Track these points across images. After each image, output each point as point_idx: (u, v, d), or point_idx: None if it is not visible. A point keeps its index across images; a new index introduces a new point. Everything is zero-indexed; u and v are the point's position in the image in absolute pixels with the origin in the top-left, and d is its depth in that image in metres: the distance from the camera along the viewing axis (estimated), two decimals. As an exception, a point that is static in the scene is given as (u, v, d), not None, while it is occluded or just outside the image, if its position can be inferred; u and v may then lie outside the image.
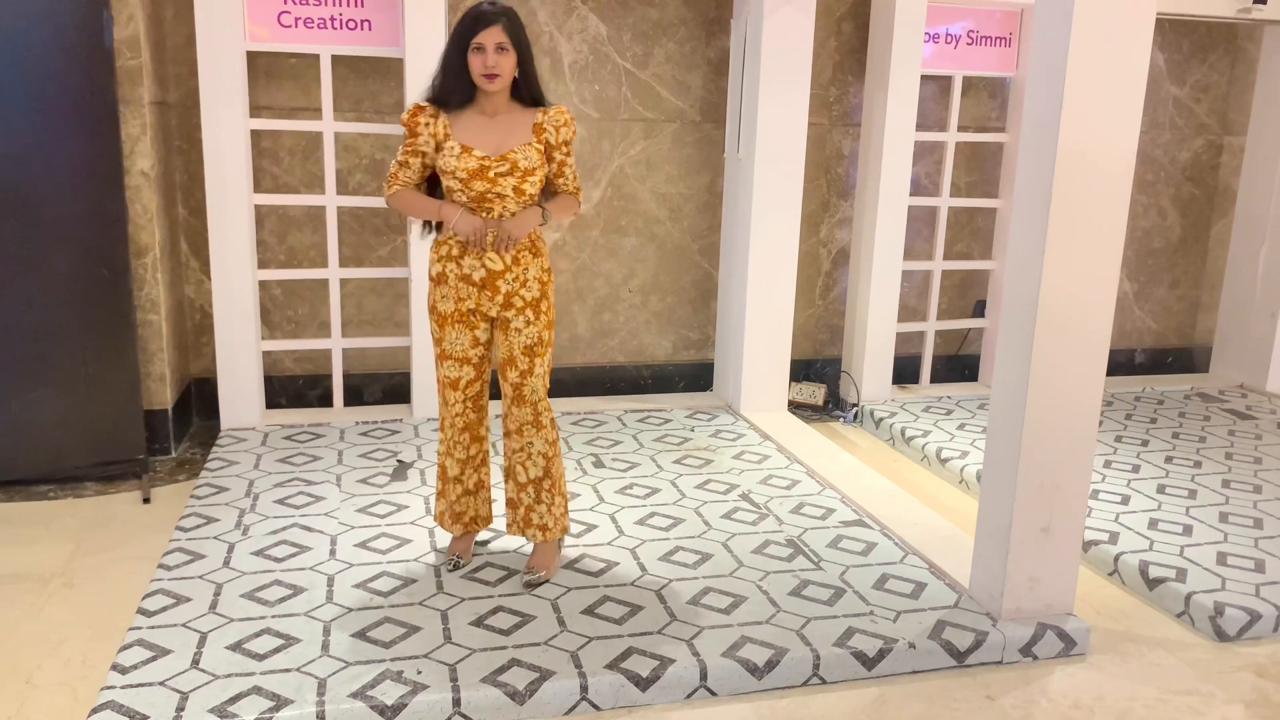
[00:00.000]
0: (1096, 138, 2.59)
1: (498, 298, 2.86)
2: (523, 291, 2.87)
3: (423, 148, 2.82)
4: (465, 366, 2.94)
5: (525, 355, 2.91)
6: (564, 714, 2.48)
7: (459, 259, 2.85)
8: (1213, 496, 3.83)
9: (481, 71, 2.72)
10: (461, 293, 2.87)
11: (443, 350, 2.93)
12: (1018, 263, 2.73)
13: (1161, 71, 5.48)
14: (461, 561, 3.08)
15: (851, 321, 5.09)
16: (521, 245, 2.85)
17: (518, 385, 2.93)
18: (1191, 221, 5.76)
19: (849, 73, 5.03)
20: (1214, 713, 2.60)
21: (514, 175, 2.78)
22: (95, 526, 3.50)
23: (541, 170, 2.84)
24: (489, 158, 2.76)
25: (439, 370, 2.97)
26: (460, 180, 2.77)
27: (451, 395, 2.97)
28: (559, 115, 2.86)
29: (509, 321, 2.89)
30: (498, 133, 2.81)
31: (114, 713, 2.30)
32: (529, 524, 3.02)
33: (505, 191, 2.79)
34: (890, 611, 2.87)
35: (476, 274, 2.84)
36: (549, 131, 2.84)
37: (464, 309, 2.88)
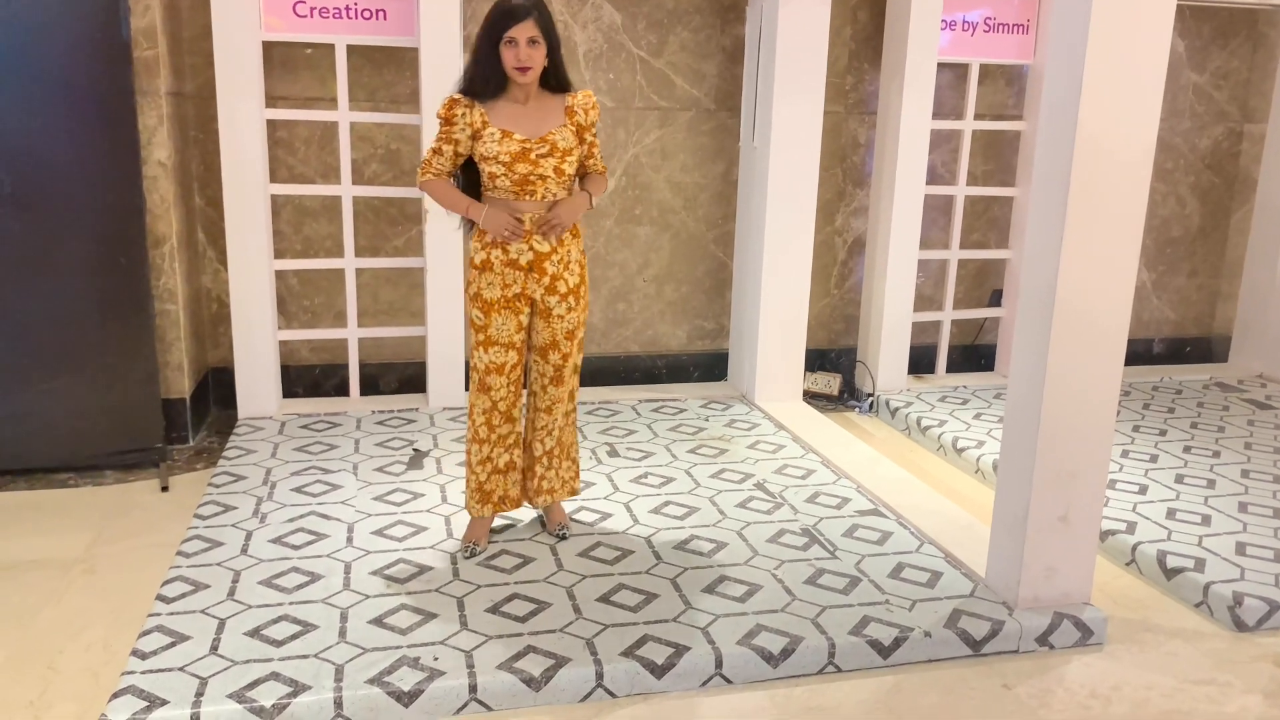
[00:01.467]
0: (1116, 124, 2.57)
1: (544, 280, 2.94)
2: (566, 275, 2.97)
3: (457, 135, 2.88)
4: (510, 351, 2.99)
5: (567, 340, 3.04)
6: (579, 701, 2.49)
7: (505, 244, 2.91)
8: (1232, 486, 3.81)
9: (514, 65, 2.80)
10: (507, 278, 2.93)
11: (488, 337, 2.97)
12: (1035, 251, 2.71)
13: (1181, 58, 5.43)
14: (478, 548, 3.10)
15: (867, 311, 5.08)
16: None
17: (559, 367, 3.06)
18: (1211, 210, 5.71)
19: (865, 60, 5.00)
20: (1232, 703, 2.58)
21: (554, 156, 2.87)
22: (115, 514, 3.53)
23: (578, 150, 2.93)
24: (529, 140, 2.84)
25: (480, 357, 3.00)
26: (504, 164, 2.84)
27: (496, 381, 3.00)
28: (586, 99, 2.96)
29: (551, 308, 2.99)
30: (533, 117, 2.89)
31: (134, 697, 2.32)
32: (540, 490, 3.20)
33: (547, 172, 2.87)
34: (906, 600, 2.86)
35: (524, 258, 2.92)
36: (579, 114, 2.93)
37: (510, 295, 2.94)
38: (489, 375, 3.00)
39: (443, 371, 4.53)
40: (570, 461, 3.24)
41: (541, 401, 3.12)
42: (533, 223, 2.90)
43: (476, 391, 3.04)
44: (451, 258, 4.40)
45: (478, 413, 3.05)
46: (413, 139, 4.56)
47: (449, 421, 4.36)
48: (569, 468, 3.24)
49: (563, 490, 3.24)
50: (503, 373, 3.00)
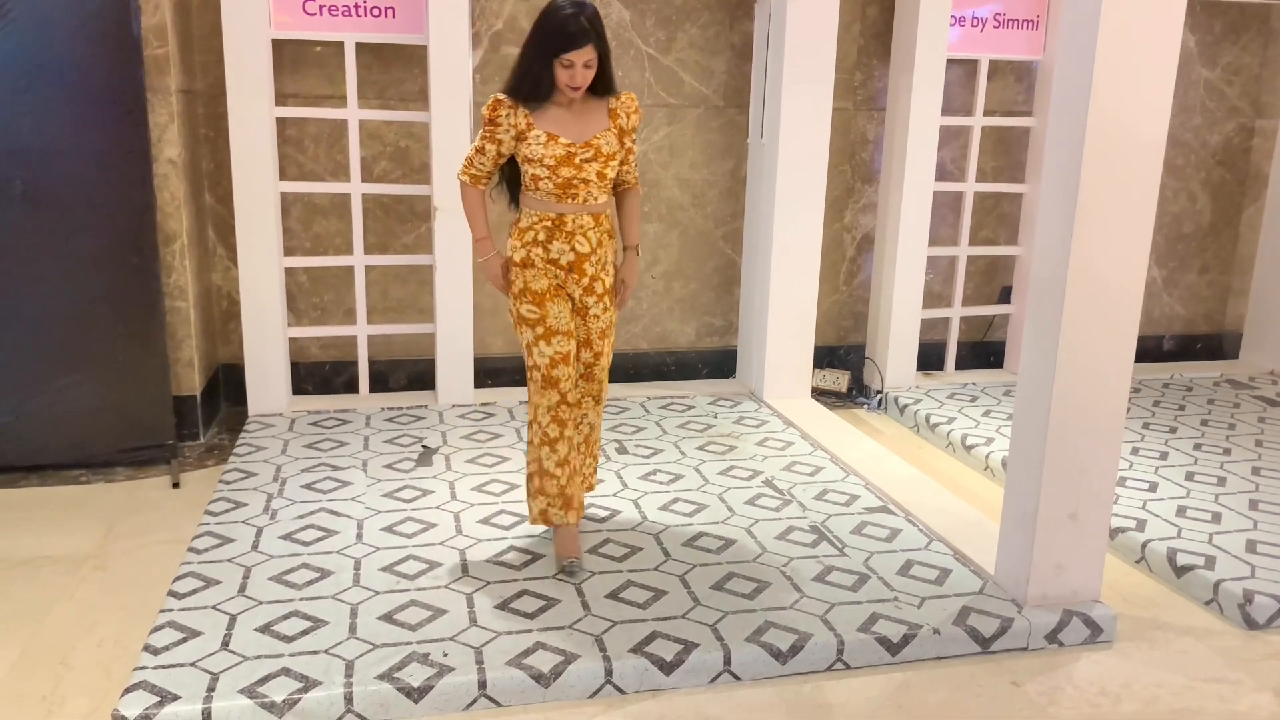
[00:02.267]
0: (1126, 120, 2.56)
1: (583, 280, 2.95)
2: (603, 276, 2.99)
3: (500, 136, 2.86)
4: (569, 339, 2.97)
5: (600, 339, 3.05)
6: (588, 697, 2.50)
7: (546, 244, 2.90)
8: (1242, 484, 3.79)
9: (569, 84, 2.79)
10: (549, 273, 2.93)
11: (548, 328, 2.93)
12: (1045, 246, 2.70)
13: (1192, 54, 5.40)
14: (579, 563, 2.99)
15: (876, 308, 5.07)
16: (604, 229, 2.95)
17: (590, 365, 3.07)
18: (1222, 206, 5.68)
19: (874, 57, 4.99)
20: (1243, 700, 2.58)
21: (598, 160, 2.86)
22: (126, 510, 3.55)
23: (620, 155, 2.92)
24: (574, 144, 2.84)
25: (542, 352, 2.94)
26: (548, 167, 2.83)
27: (564, 371, 2.96)
28: (630, 101, 2.94)
29: (588, 308, 2.99)
30: (578, 121, 2.87)
31: (146, 692, 2.34)
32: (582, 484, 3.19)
33: (590, 177, 2.86)
34: (915, 598, 2.86)
35: (565, 258, 2.92)
36: (622, 117, 2.92)
37: (555, 284, 2.95)
38: (555, 368, 2.94)
39: (452, 368, 4.54)
40: (592, 457, 3.23)
41: (572, 397, 3.08)
42: (575, 225, 2.90)
43: (541, 390, 2.95)
44: (460, 254, 4.41)
45: (543, 411, 2.97)
46: (422, 136, 4.57)
47: (458, 419, 4.37)
48: (589, 463, 3.24)
49: (582, 485, 3.21)
50: (568, 362, 2.97)
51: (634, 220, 3.10)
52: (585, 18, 2.74)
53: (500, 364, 4.88)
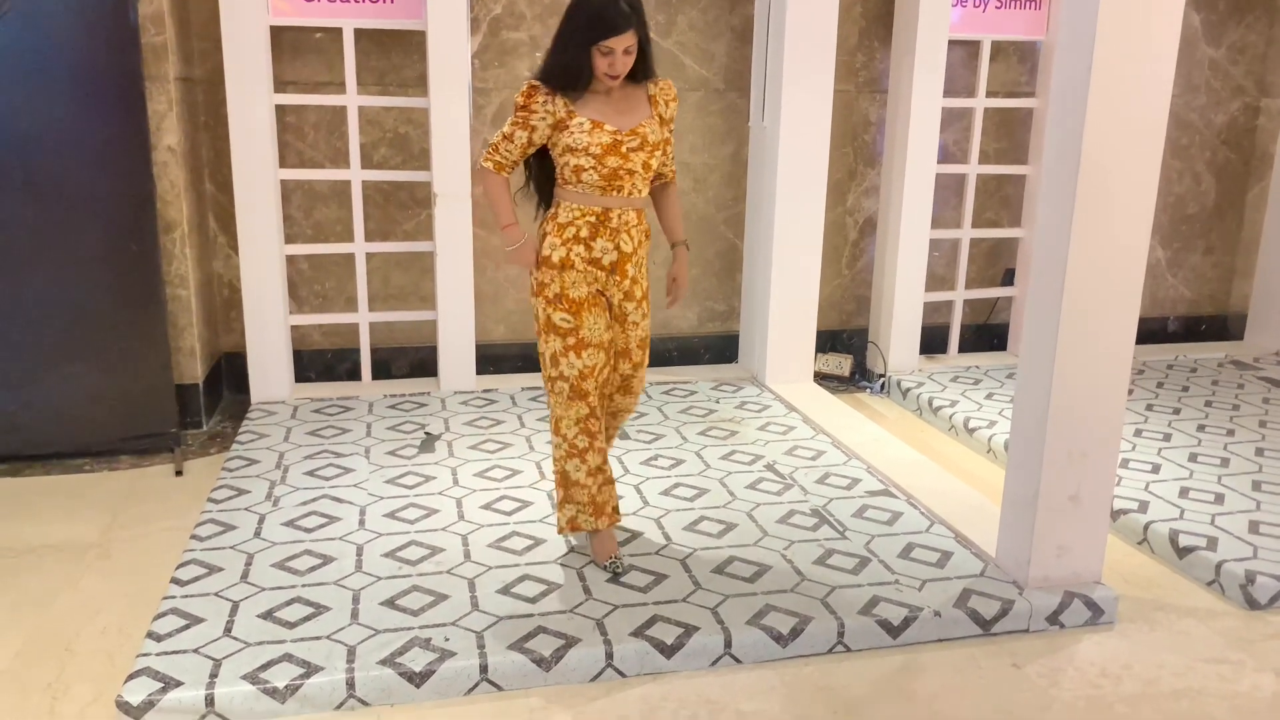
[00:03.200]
0: (1127, 100, 2.55)
1: (624, 282, 2.80)
2: (641, 280, 2.86)
3: (535, 124, 2.69)
4: (602, 352, 2.80)
5: (640, 349, 2.92)
6: (589, 680, 2.51)
7: (589, 241, 2.73)
8: (1246, 465, 3.78)
9: (608, 72, 2.62)
10: (588, 277, 2.76)
11: (581, 339, 2.75)
12: (1046, 228, 2.69)
13: (1197, 32, 5.36)
14: (619, 564, 2.87)
15: (878, 291, 5.06)
16: (644, 227, 2.83)
17: (629, 377, 2.94)
18: (1227, 187, 5.65)
19: (875, 38, 4.96)
20: (1244, 681, 2.58)
21: (644, 150, 2.71)
22: (130, 499, 3.57)
23: (663, 144, 2.77)
24: (619, 132, 2.68)
25: (572, 364, 2.76)
26: (594, 156, 2.66)
27: (590, 386, 2.78)
28: (668, 88, 2.79)
29: (627, 314, 2.85)
30: (620, 108, 2.71)
31: (149, 678, 2.35)
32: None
33: (635, 167, 2.71)
34: (915, 580, 2.86)
35: (607, 257, 2.76)
36: (661, 105, 2.77)
37: (594, 291, 2.78)
38: (585, 381, 2.77)
39: (454, 355, 4.54)
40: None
41: (608, 407, 2.96)
42: (620, 221, 2.75)
43: (569, 402, 2.78)
44: (461, 241, 4.41)
45: (569, 424, 2.81)
46: (421, 122, 4.56)
47: (460, 405, 4.38)
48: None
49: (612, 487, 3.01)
50: (597, 375, 2.80)
51: (677, 215, 2.97)
52: (626, 3, 2.57)
53: (502, 351, 4.88)
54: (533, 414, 4.27)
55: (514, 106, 2.71)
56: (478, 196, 4.63)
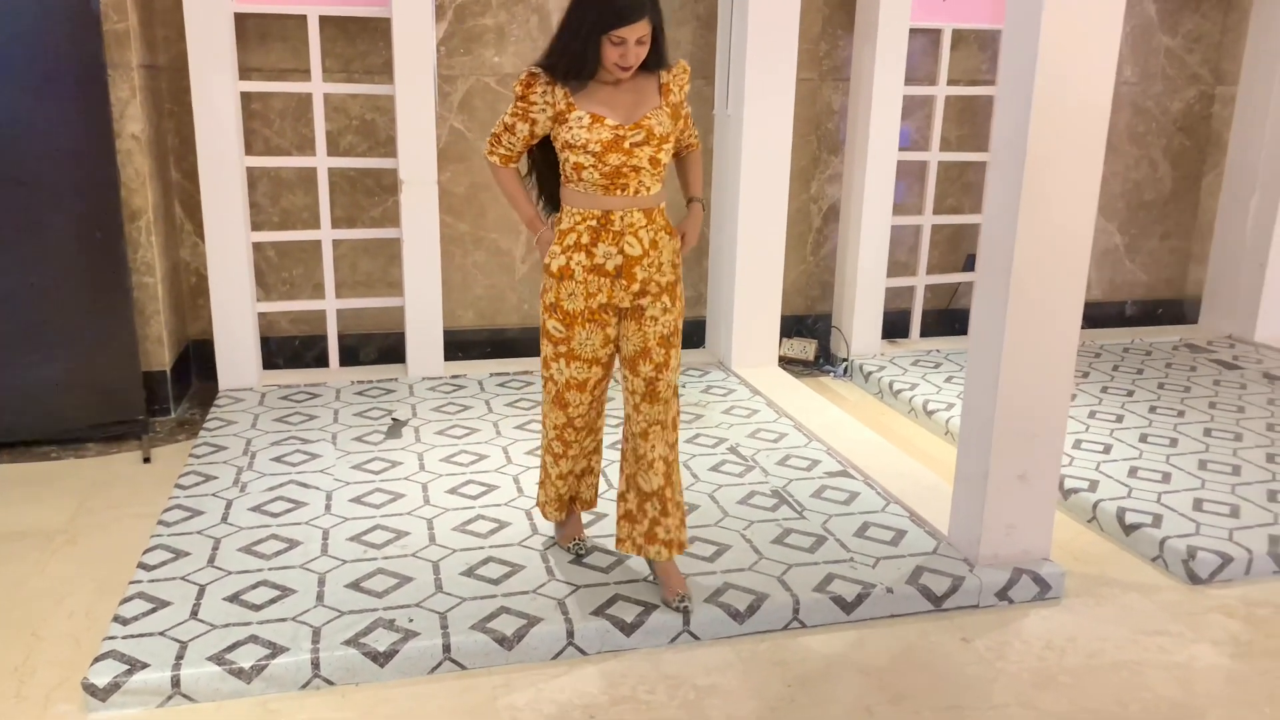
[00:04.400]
0: (1072, 89, 2.62)
1: (633, 286, 2.55)
2: (658, 277, 2.58)
3: (535, 115, 2.50)
4: (595, 367, 2.64)
5: (661, 346, 2.61)
6: (551, 659, 2.57)
7: (589, 247, 2.53)
8: (1194, 445, 3.89)
9: (618, 64, 2.41)
10: (591, 286, 2.54)
11: (569, 351, 2.61)
12: (994, 213, 2.76)
13: (1153, 21, 5.46)
14: (582, 545, 2.93)
15: (841, 277, 5.13)
16: (658, 225, 2.58)
17: (652, 380, 2.62)
18: (1183, 173, 5.77)
19: (839, 27, 5.02)
20: (1182, 652, 2.68)
21: (650, 144, 2.49)
22: (97, 485, 3.58)
23: (674, 135, 2.57)
24: (622, 126, 2.46)
25: (557, 372, 2.65)
26: (593, 154, 2.45)
27: (577, 398, 2.67)
28: (682, 71, 2.60)
29: (644, 310, 2.59)
30: (626, 100, 2.50)
31: (116, 661, 2.39)
32: (654, 539, 2.68)
33: (641, 163, 2.50)
34: (870, 558, 2.94)
35: (611, 262, 2.53)
36: (674, 91, 2.56)
37: (594, 305, 2.56)
38: (568, 391, 2.67)
39: (421, 342, 4.57)
40: (675, 505, 2.70)
41: (636, 425, 2.66)
42: (624, 223, 2.53)
43: (552, 405, 2.72)
44: (428, 228, 4.43)
45: (549, 426, 2.76)
46: (387, 109, 4.57)
47: (428, 391, 4.41)
48: (681, 518, 2.72)
49: (676, 543, 2.70)
50: (584, 389, 2.67)
51: (696, 174, 2.76)
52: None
53: (470, 337, 4.92)
54: (500, 399, 4.32)
55: (514, 95, 2.53)
56: (444, 183, 4.67)
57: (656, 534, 2.67)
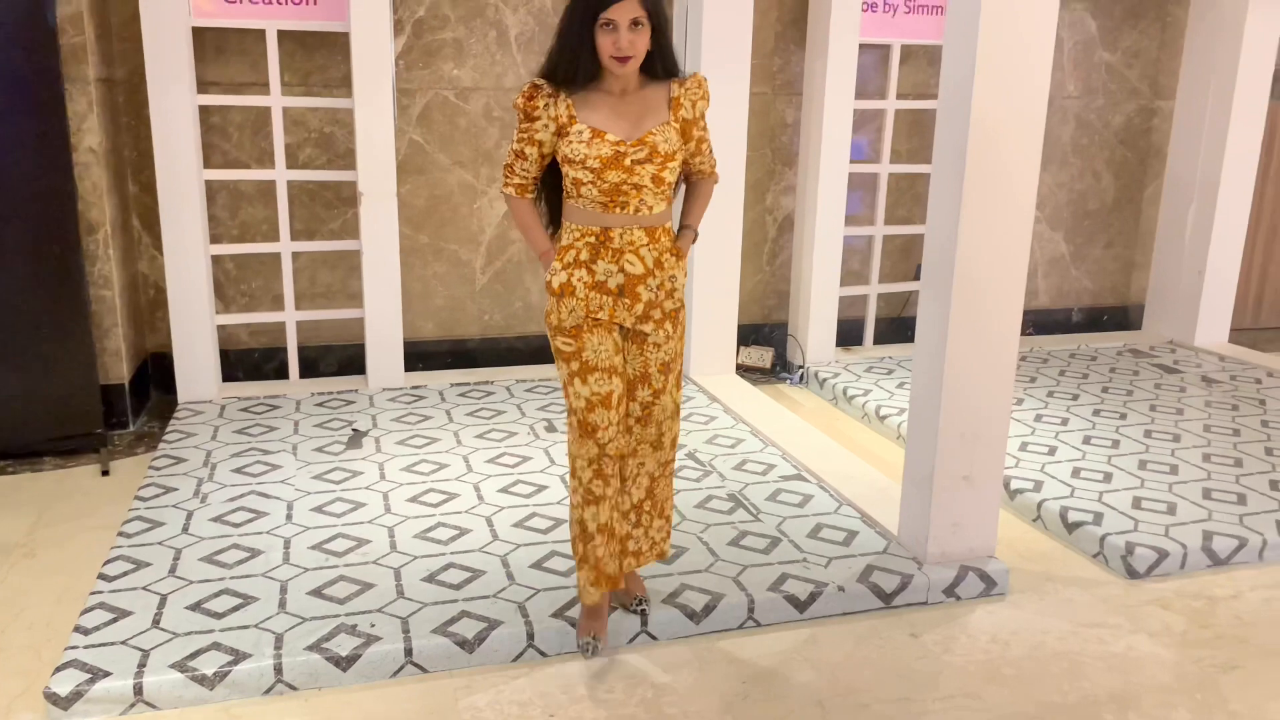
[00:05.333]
0: (1008, 104, 2.73)
1: (636, 307, 2.47)
2: (665, 302, 2.50)
3: (540, 135, 2.41)
4: (614, 377, 2.48)
5: (661, 373, 2.55)
6: (511, 661, 2.62)
7: (590, 264, 2.44)
8: (1134, 446, 4.03)
9: (613, 53, 2.30)
10: (593, 304, 2.45)
11: (584, 363, 2.46)
12: (936, 224, 2.87)
13: (1095, 38, 5.65)
14: (600, 644, 2.61)
15: (796, 286, 5.24)
16: (663, 246, 2.48)
17: (648, 405, 2.57)
18: (1125, 184, 5.96)
19: (791, 42, 5.14)
20: (1120, 643, 2.79)
21: (653, 162, 2.38)
22: (55, 499, 3.58)
23: (681, 154, 2.45)
24: (624, 142, 2.37)
25: (578, 392, 2.48)
26: (592, 170, 2.36)
27: (605, 417, 2.48)
28: (696, 86, 2.47)
29: (646, 336, 2.51)
30: (630, 113, 2.40)
31: (77, 670, 2.40)
32: (624, 552, 2.64)
33: (643, 181, 2.39)
34: (822, 558, 3.03)
35: (613, 280, 2.44)
36: (685, 107, 2.44)
37: (595, 315, 2.47)
38: (593, 412, 2.47)
39: (382, 353, 4.60)
40: (663, 519, 2.71)
41: (626, 445, 2.59)
42: (623, 241, 2.43)
43: (578, 439, 2.50)
44: (387, 239, 4.47)
45: (582, 465, 2.51)
46: (346, 123, 4.61)
47: (388, 402, 4.45)
48: (660, 526, 2.71)
49: (650, 553, 2.71)
50: (610, 405, 2.48)
51: (701, 203, 2.63)
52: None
53: (431, 347, 4.95)
54: (461, 409, 4.37)
55: (517, 113, 2.43)
56: (404, 195, 4.71)
57: (627, 546, 2.65)
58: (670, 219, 2.53)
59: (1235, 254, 5.55)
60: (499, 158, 4.85)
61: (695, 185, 2.64)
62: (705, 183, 2.64)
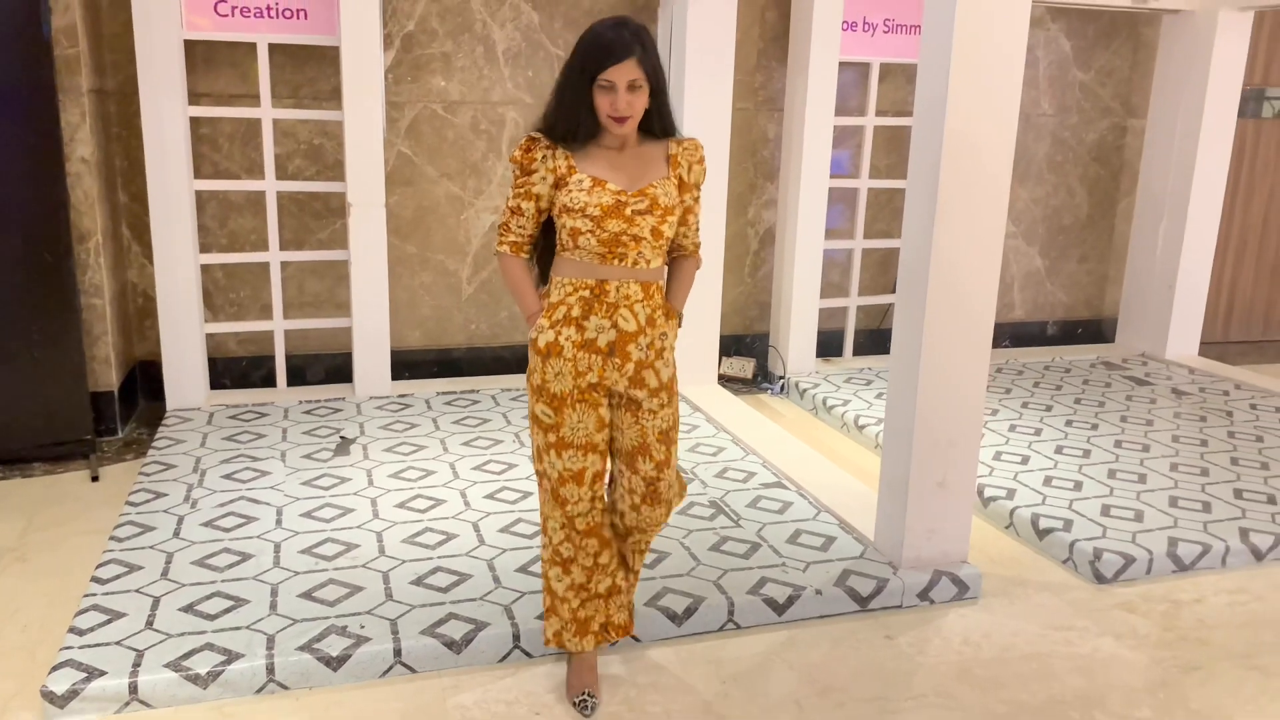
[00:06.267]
0: (980, 122, 2.84)
1: (627, 367, 2.39)
2: (657, 364, 2.42)
3: (538, 188, 2.37)
4: (591, 455, 2.43)
5: (661, 442, 2.45)
6: (498, 661, 2.69)
7: (580, 320, 2.36)
8: (1105, 455, 4.14)
9: (610, 114, 2.29)
10: (581, 364, 2.37)
11: (560, 439, 2.40)
12: (911, 238, 2.97)
13: (1068, 57, 5.79)
14: (593, 699, 2.52)
15: (778, 298, 5.34)
16: (656, 303, 2.41)
17: (653, 480, 2.46)
18: (1098, 200, 6.09)
19: (773, 59, 5.25)
20: (1086, 644, 2.88)
21: (653, 214, 2.34)
22: (46, 504, 3.62)
23: (679, 210, 2.41)
24: (625, 192, 2.33)
25: (551, 463, 2.43)
26: (592, 219, 2.31)
27: (574, 492, 2.43)
28: (694, 150, 2.44)
29: (639, 403, 2.42)
30: (630, 165, 2.38)
31: (73, 669, 2.45)
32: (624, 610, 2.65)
33: (643, 233, 2.34)
34: (801, 563, 3.12)
35: (603, 337, 2.37)
36: (683, 166, 2.42)
37: (584, 384, 2.39)
38: (564, 486, 2.43)
39: (369, 361, 4.66)
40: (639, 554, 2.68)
41: (634, 521, 2.51)
42: (619, 295, 2.36)
43: (551, 501, 2.48)
44: (375, 250, 4.54)
45: (554, 526, 2.49)
46: (335, 134, 4.68)
47: (376, 410, 4.51)
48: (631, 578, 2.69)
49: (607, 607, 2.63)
50: (582, 482, 2.43)
51: (684, 287, 2.54)
52: (628, 30, 2.28)
53: (418, 356, 5.02)
54: (447, 417, 4.43)
55: (513, 168, 2.40)
56: (392, 206, 4.78)
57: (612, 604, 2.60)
58: (664, 277, 2.47)
59: (1205, 268, 5.69)
60: (485, 170, 4.93)
61: (677, 265, 2.55)
62: (688, 263, 2.56)
